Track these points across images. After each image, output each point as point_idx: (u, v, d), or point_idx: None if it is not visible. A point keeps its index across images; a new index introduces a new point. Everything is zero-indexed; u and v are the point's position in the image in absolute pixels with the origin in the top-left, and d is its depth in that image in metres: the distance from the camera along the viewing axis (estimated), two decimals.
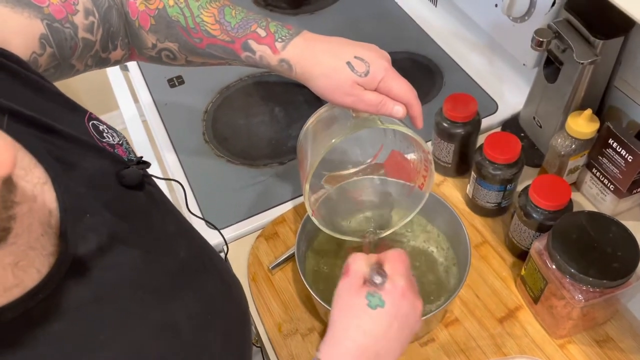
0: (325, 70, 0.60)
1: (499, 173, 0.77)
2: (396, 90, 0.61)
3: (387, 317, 0.51)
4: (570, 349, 0.71)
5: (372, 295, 0.51)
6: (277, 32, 0.62)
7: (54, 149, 0.42)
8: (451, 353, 0.71)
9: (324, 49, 0.61)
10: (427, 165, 0.68)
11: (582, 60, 0.74)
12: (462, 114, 0.81)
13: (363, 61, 0.60)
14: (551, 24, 0.78)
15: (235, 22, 0.62)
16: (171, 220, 0.54)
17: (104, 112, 2.25)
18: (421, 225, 0.80)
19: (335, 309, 0.53)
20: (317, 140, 0.67)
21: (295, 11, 1.25)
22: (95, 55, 0.62)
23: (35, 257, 0.37)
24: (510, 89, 1.03)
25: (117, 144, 0.50)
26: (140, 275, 0.45)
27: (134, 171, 0.49)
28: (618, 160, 0.76)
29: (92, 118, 0.50)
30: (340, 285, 0.54)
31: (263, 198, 0.90)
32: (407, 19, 1.21)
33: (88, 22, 0.59)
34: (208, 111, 1.04)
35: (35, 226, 0.37)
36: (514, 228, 0.77)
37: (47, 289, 0.36)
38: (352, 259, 0.55)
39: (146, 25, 0.64)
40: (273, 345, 0.74)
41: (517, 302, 0.75)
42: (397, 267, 0.53)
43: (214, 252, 0.59)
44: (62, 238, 0.38)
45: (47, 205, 0.39)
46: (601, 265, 0.64)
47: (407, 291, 0.52)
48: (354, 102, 0.61)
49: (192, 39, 0.64)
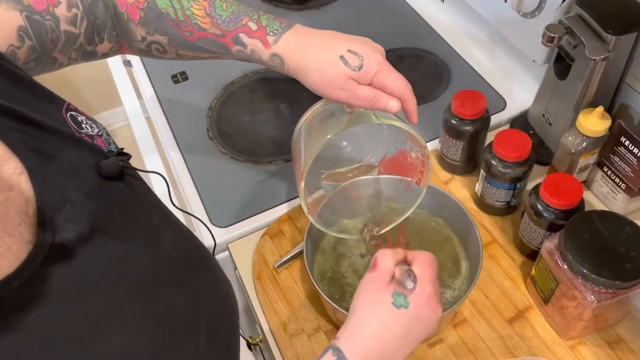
0: (318, 65, 0.59)
1: (508, 171, 0.76)
2: (391, 84, 0.60)
3: (408, 319, 0.51)
4: (581, 351, 0.70)
5: (398, 295, 0.51)
6: (269, 25, 0.61)
7: (31, 140, 0.42)
8: (460, 354, 0.70)
9: (317, 43, 0.60)
10: (424, 161, 0.67)
11: (595, 56, 0.72)
12: (471, 111, 0.80)
13: (356, 55, 0.59)
14: (562, 20, 0.77)
15: (226, 15, 0.61)
16: (155, 213, 0.53)
17: (107, 108, 2.24)
18: (431, 222, 0.79)
19: (359, 300, 0.53)
20: (311, 137, 0.66)
21: (301, 7, 1.23)
22: (80, 49, 0.61)
23: (13, 244, 0.37)
24: (519, 85, 1.01)
25: (97, 134, 0.50)
26: (123, 266, 0.45)
27: (112, 162, 0.48)
28: (630, 159, 0.75)
29: (71, 109, 0.49)
30: (366, 278, 0.54)
31: (268, 195, 0.89)
32: (414, 15, 1.19)
33: (71, 14, 0.58)
34: (212, 107, 1.03)
35: (12, 215, 0.37)
36: (524, 227, 0.76)
37: (23, 277, 0.36)
38: (380, 254, 0.55)
39: (135, 18, 0.63)
40: (278, 345, 0.73)
41: (526, 302, 0.74)
42: (426, 271, 0.53)
43: (202, 247, 0.58)
44: (39, 227, 0.38)
45: (24, 195, 0.39)
46: (614, 266, 0.63)
47: (431, 298, 0.52)
48: (347, 97, 0.60)
49: (182, 32, 0.62)
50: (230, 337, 0.56)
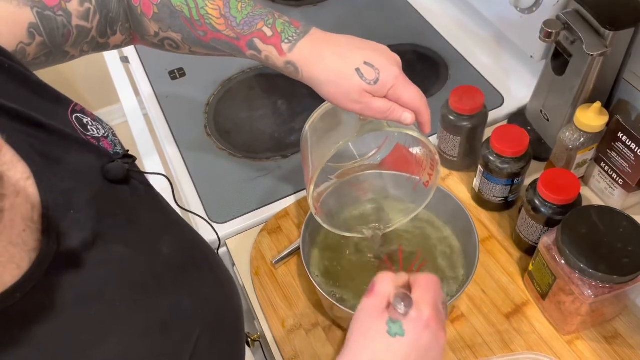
0: (332, 76, 0.58)
1: (506, 167, 0.76)
2: (406, 98, 0.58)
3: (405, 347, 0.47)
4: (578, 345, 0.70)
5: (394, 322, 0.48)
6: (284, 31, 0.59)
7: (38, 143, 0.41)
8: (457, 349, 0.70)
9: (333, 52, 0.58)
10: (434, 165, 0.67)
11: (592, 51, 0.72)
12: (469, 107, 0.80)
13: (373, 68, 0.57)
14: (560, 15, 0.77)
15: (241, 18, 0.59)
16: (158, 216, 0.52)
17: (104, 105, 2.24)
18: (428, 218, 0.79)
19: (354, 328, 0.50)
20: (321, 140, 0.65)
21: (298, 3, 1.23)
22: (92, 42, 0.60)
23: (15, 253, 0.35)
24: (517, 81, 1.01)
25: (103, 136, 0.49)
26: (127, 272, 0.44)
27: (118, 165, 0.47)
28: (627, 154, 0.75)
29: (76, 110, 0.48)
30: (362, 304, 0.51)
31: (266, 192, 0.88)
32: (411, 11, 1.19)
33: (83, 9, 0.57)
34: (210, 104, 1.03)
35: (18, 222, 0.36)
36: (522, 223, 0.76)
37: (26, 287, 0.35)
38: (379, 278, 0.51)
39: (149, 13, 0.62)
40: (276, 340, 0.73)
41: (524, 297, 0.74)
42: (425, 294, 0.49)
43: (207, 247, 0.58)
44: (44, 234, 0.37)
45: (30, 200, 0.38)
46: (611, 261, 0.63)
47: (431, 321, 0.48)
48: (362, 109, 0.58)
49: (196, 31, 0.61)
50: (235, 338, 0.56)
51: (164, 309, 0.46)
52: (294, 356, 0.71)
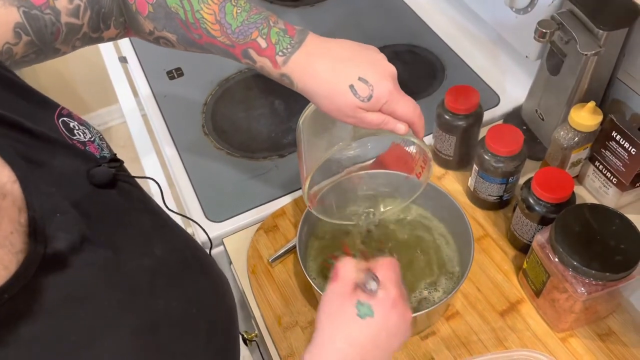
0: (326, 91, 0.57)
1: (501, 166, 0.77)
2: (400, 112, 0.58)
3: (375, 327, 0.49)
4: (572, 343, 0.70)
5: (362, 304, 0.50)
6: (279, 42, 0.58)
7: (23, 147, 0.41)
8: (452, 346, 0.71)
9: (327, 67, 0.57)
10: (426, 160, 0.68)
11: (586, 51, 0.73)
12: (464, 106, 0.81)
13: (367, 84, 0.56)
14: (554, 15, 0.77)
15: (236, 26, 0.58)
16: (148, 218, 0.52)
17: (103, 105, 2.24)
18: (423, 217, 0.79)
19: (323, 314, 0.51)
20: (316, 138, 0.66)
21: (296, 3, 1.24)
22: (84, 37, 0.60)
23: (3, 255, 0.36)
24: (512, 81, 1.02)
25: (89, 140, 0.49)
26: (115, 275, 0.44)
27: (103, 170, 0.47)
28: (621, 153, 0.76)
29: (63, 114, 0.48)
30: (328, 290, 0.52)
31: (263, 191, 0.89)
32: (408, 11, 1.20)
33: (73, 6, 0.56)
34: (207, 103, 1.04)
35: (5, 224, 0.36)
36: (516, 221, 0.76)
37: (14, 289, 0.35)
38: (341, 264, 0.54)
39: (144, 12, 0.61)
40: (273, 338, 0.73)
41: (518, 295, 0.75)
42: (389, 274, 0.52)
43: (198, 248, 0.58)
44: (30, 236, 0.37)
45: (17, 204, 0.38)
46: (604, 258, 0.63)
47: (397, 300, 0.51)
48: (355, 122, 0.59)
49: (192, 34, 0.61)
50: (229, 337, 0.56)
51: (154, 310, 0.46)
52: (290, 354, 0.71)
